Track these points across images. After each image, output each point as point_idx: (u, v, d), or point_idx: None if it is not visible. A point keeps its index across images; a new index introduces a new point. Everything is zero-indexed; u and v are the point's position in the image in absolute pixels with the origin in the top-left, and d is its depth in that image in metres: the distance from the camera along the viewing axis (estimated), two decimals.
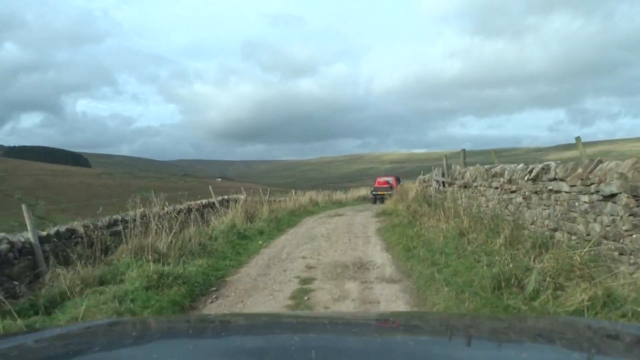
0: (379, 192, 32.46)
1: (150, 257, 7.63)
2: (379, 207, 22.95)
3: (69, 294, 6.25)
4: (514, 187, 9.35)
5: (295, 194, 27.48)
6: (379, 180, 35.51)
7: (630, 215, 5.43)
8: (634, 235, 5.35)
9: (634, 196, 5.39)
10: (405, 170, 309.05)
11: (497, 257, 6.28)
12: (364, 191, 42.16)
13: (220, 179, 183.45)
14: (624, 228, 5.51)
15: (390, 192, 29.81)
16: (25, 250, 7.09)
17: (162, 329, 2.06)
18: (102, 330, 1.93)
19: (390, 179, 35.47)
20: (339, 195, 37.31)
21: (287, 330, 1.86)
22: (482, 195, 11.35)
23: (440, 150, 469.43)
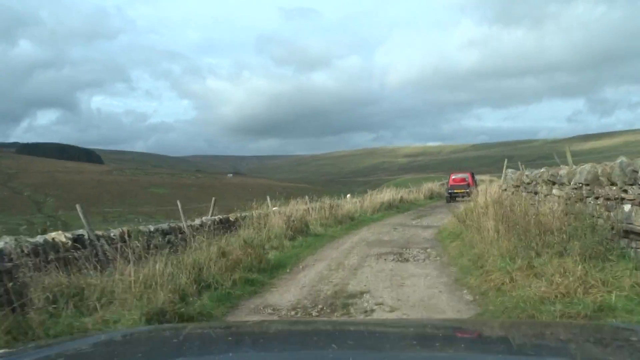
0: (455, 190, 29.96)
1: None
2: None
3: None
4: None
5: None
6: (455, 177, 32.71)
7: None
8: None
9: None
10: (420, 163, 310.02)
11: None
12: (388, 195, 29.55)
13: (231, 175, 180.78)
14: None
15: (467, 190, 28.53)
16: None
17: (201, 336, 2.07)
18: (144, 337, 1.99)
19: (466, 176, 32.56)
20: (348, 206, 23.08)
21: (324, 339, 1.84)
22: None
23: (454, 143, 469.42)
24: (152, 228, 9.68)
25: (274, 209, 18.57)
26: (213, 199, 14.19)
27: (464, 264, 8.40)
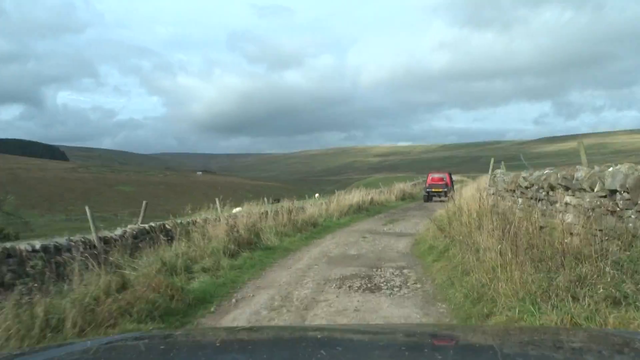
0: (433, 190, 31.03)
1: None
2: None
3: None
4: None
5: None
6: (433, 176, 33.14)
7: None
8: None
9: None
10: (390, 163, 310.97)
11: None
12: (357, 196, 25.06)
13: (201, 173, 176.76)
14: None
15: (445, 190, 29.27)
16: None
17: (189, 342, 2.05)
18: (129, 344, 1.96)
19: (444, 176, 33.09)
20: (312, 209, 18.87)
21: (313, 345, 1.83)
22: None
23: (424, 143, 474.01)
24: (30, 247, 7.00)
25: (235, 210, 15.99)
26: (144, 202, 11.54)
27: (457, 300, 5.99)
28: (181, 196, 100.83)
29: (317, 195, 22.24)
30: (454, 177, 47.93)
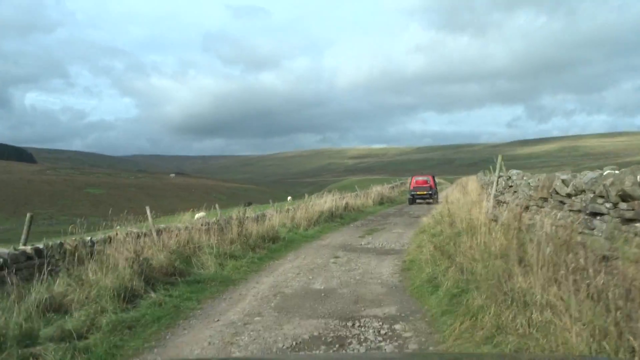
0: (418, 193, 30.87)
1: None
2: None
3: None
4: None
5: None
6: (417, 179, 32.35)
7: None
8: None
9: None
10: (366, 165, 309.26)
11: None
12: (330, 201, 21.09)
13: (174, 175, 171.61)
14: None
15: (429, 193, 30.62)
16: None
17: None
18: None
19: (428, 178, 32.48)
20: (275, 218, 15.44)
21: None
22: None
23: (399, 146, 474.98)
24: None
25: (198, 215, 12.59)
26: (28, 215, 8.07)
27: None
28: (153, 199, 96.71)
29: (289, 198, 19.14)
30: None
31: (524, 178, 8.56)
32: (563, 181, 6.92)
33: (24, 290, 5.66)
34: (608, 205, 5.70)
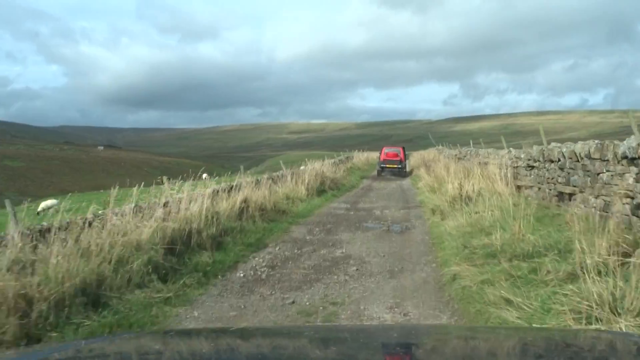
0: (387, 165, 30.50)
1: None
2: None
3: None
4: None
5: None
6: (387, 151, 31.73)
7: None
8: None
9: None
10: (304, 140, 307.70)
11: None
12: (197, 204, 10.34)
13: (102, 147, 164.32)
14: None
15: (399, 166, 30.02)
16: None
17: (183, 342, 1.97)
18: (114, 344, 1.90)
19: (399, 150, 31.70)
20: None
21: (309, 345, 1.81)
22: None
23: (338, 121, 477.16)
24: None
25: (45, 203, 10.49)
26: None
27: None
28: (78, 173, 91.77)
29: (205, 176, 13.89)
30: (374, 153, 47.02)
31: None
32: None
33: None
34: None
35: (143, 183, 9.53)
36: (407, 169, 31.92)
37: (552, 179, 10.05)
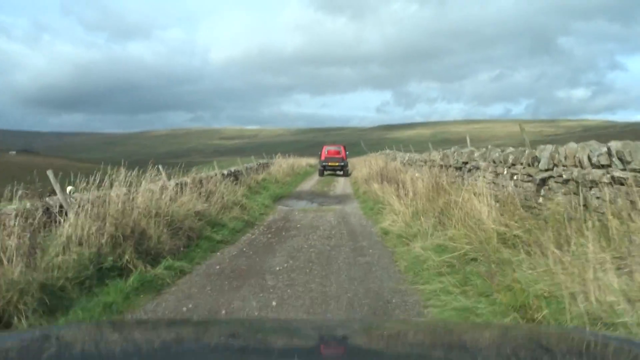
0: (329, 164, 30.12)
1: None
2: None
3: None
4: None
5: None
6: (329, 149, 31.44)
7: None
8: None
9: None
10: (236, 146, 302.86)
11: None
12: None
13: (14, 152, 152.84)
14: None
15: (342, 164, 29.95)
16: None
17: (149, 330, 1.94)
18: (87, 330, 1.87)
19: (340, 149, 31.53)
20: None
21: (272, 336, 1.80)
22: None
23: (272, 127, 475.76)
24: None
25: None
26: None
27: None
28: None
29: (70, 188, 9.39)
30: (308, 160, 46.93)
31: None
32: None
33: None
34: None
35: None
36: (349, 168, 31.54)
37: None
